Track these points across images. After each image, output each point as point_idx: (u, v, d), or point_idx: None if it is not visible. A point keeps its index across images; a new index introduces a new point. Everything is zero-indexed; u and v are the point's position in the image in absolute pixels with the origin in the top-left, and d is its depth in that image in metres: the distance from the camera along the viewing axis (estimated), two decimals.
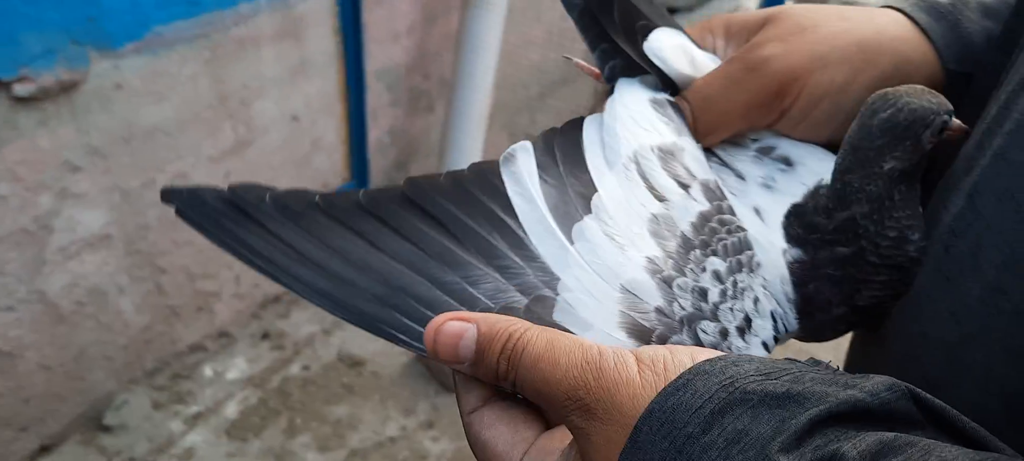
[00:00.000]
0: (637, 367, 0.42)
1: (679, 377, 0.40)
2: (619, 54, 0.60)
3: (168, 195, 0.53)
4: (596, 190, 0.53)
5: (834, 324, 0.54)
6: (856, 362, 0.62)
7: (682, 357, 0.42)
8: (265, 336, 2.45)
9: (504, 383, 0.46)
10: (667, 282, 0.50)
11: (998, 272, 0.44)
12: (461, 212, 0.52)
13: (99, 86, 1.87)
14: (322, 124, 2.51)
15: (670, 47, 0.60)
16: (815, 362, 0.42)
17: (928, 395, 0.39)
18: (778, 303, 0.53)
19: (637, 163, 0.54)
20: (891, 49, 0.56)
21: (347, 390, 2.32)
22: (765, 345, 0.51)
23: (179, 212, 0.52)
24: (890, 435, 0.36)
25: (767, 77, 0.56)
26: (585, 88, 3.58)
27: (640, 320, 0.48)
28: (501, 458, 0.47)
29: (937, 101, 0.51)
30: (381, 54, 2.62)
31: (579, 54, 0.69)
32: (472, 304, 0.49)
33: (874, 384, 0.38)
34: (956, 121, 0.51)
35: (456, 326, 0.46)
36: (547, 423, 0.48)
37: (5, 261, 1.83)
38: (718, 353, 0.42)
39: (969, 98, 0.57)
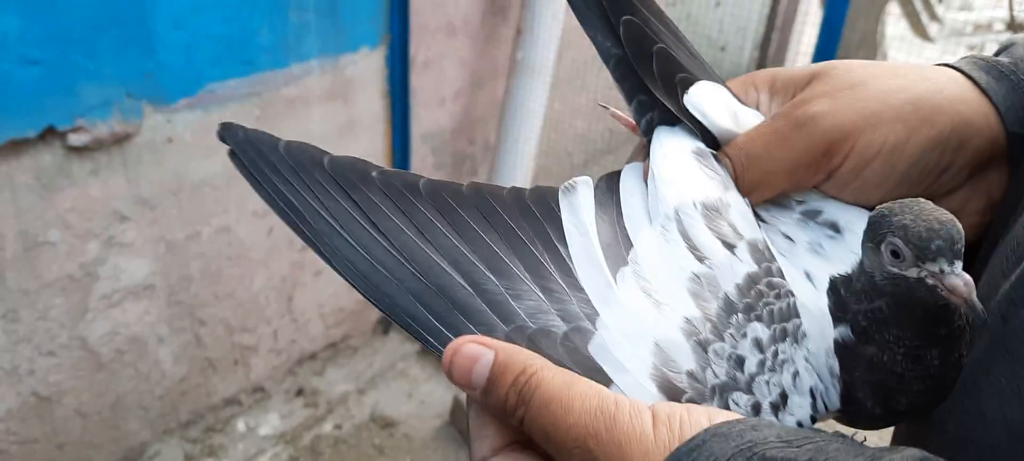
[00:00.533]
0: (652, 422, 0.40)
1: (694, 438, 0.39)
2: (657, 106, 0.58)
3: (226, 133, 0.51)
4: (631, 244, 0.52)
5: (874, 421, 0.51)
6: (902, 438, 0.58)
7: (699, 417, 0.40)
8: (300, 392, 2.45)
9: (512, 419, 0.44)
10: (702, 346, 0.47)
11: None
12: (516, 225, 0.51)
13: (151, 139, 1.91)
14: None
15: (711, 101, 0.57)
16: (841, 436, 0.40)
17: None
18: (820, 378, 0.50)
19: (678, 220, 0.52)
20: (950, 110, 0.53)
21: (378, 451, 2.30)
22: (800, 424, 0.48)
23: (232, 155, 0.51)
24: None
25: (815, 135, 0.53)
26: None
27: (672, 379, 0.46)
28: None
29: (911, 219, 0.44)
30: (427, 118, 2.65)
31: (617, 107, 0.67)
32: (511, 318, 0.48)
33: (904, 458, 0.37)
34: (956, 281, 0.44)
35: (474, 349, 0.45)
36: None
37: (50, 306, 1.86)
38: (738, 416, 0.40)
39: None
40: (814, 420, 0.49)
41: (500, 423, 0.46)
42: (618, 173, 0.56)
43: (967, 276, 0.43)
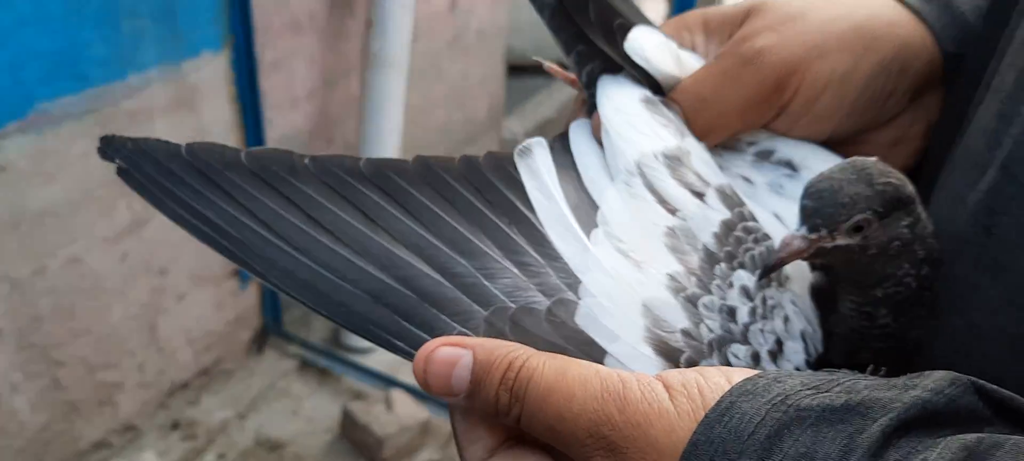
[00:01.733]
0: (668, 395, 0.37)
1: (720, 401, 0.36)
2: (597, 57, 0.55)
3: (108, 148, 0.45)
4: (597, 206, 0.49)
5: (851, 367, 0.50)
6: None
7: (717, 378, 0.37)
8: (175, 426, 2.30)
9: (506, 419, 0.40)
10: (692, 301, 0.45)
11: None
12: (475, 198, 0.47)
13: None
14: None
15: (652, 46, 0.55)
16: (857, 372, 0.38)
17: (993, 386, 0.35)
18: (808, 322, 0.48)
19: (642, 173, 0.49)
20: (890, 34, 0.53)
21: None
22: (797, 369, 0.46)
23: (122, 172, 0.45)
24: (972, 438, 0.32)
25: (764, 70, 0.52)
26: (491, 148, 3.56)
27: (667, 339, 0.44)
28: None
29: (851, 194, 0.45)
30: (282, 121, 2.54)
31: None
32: (488, 300, 0.44)
33: (936, 381, 0.35)
34: (788, 243, 0.46)
35: (449, 352, 0.41)
36: None
37: None
38: (755, 371, 0.38)
39: (963, 75, 0.54)
40: (809, 364, 0.47)
41: (490, 422, 0.42)
42: (565, 134, 0.54)
43: (790, 237, 0.45)
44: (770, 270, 0.46)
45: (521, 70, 3.76)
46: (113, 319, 2.13)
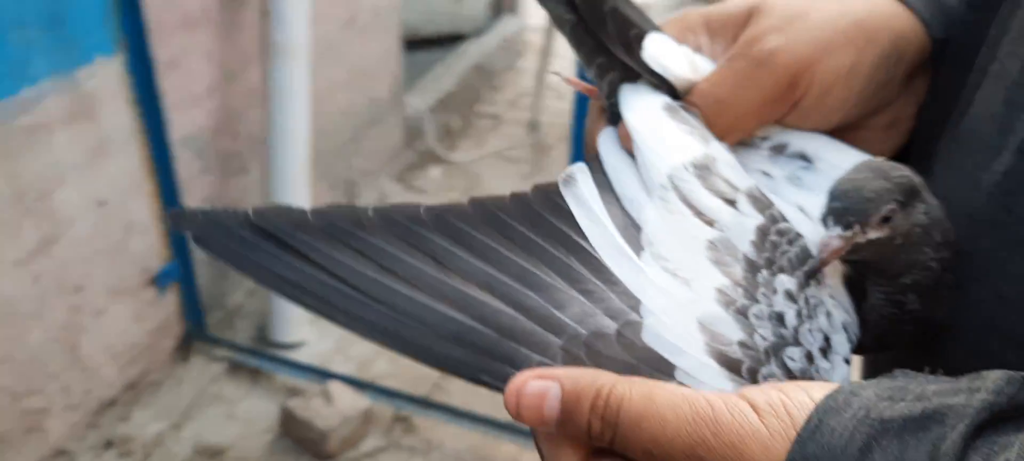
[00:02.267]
0: (757, 415, 0.40)
1: (809, 420, 0.38)
2: (616, 67, 0.57)
3: (180, 221, 0.47)
4: (639, 225, 0.51)
5: (880, 349, 0.54)
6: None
7: (799, 395, 0.40)
8: (108, 445, 2.23)
9: (599, 442, 0.43)
10: (742, 312, 0.47)
11: None
12: (532, 233, 0.49)
13: None
14: (133, 205, 2.32)
15: (668, 52, 0.57)
16: (915, 374, 0.41)
17: None
18: (846, 311, 0.51)
19: (676, 187, 0.51)
20: (887, 26, 0.56)
21: None
22: (846, 361, 0.49)
23: (198, 240, 0.46)
24: None
25: (778, 70, 0.54)
26: (396, 126, 3.53)
27: (727, 352, 0.46)
28: None
29: (872, 192, 0.48)
30: (184, 120, 2.46)
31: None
32: (561, 329, 0.46)
33: (995, 382, 0.38)
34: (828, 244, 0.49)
35: (538, 385, 0.43)
36: None
37: None
38: (831, 385, 0.41)
39: (949, 59, 0.57)
40: (852, 352, 0.50)
41: (572, 442, 0.44)
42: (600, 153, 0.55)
43: (828, 238, 0.48)
44: (814, 273, 0.49)
45: (414, 45, 3.73)
46: (32, 343, 2.04)
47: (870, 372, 0.61)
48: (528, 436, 2.28)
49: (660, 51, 0.56)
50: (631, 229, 0.50)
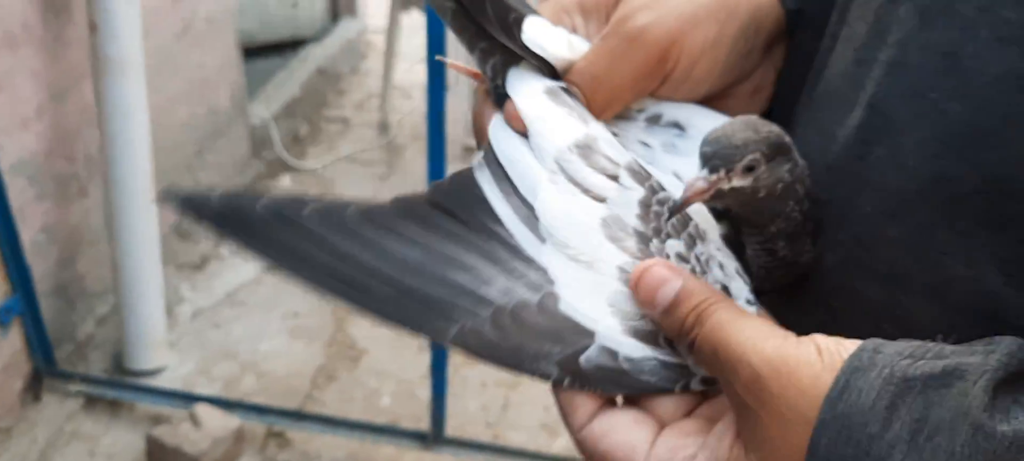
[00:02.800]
0: (817, 350, 0.44)
1: (836, 381, 0.42)
2: (498, 51, 0.60)
3: (177, 200, 0.51)
4: (533, 209, 0.54)
5: (761, 295, 0.58)
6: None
7: (836, 348, 0.44)
8: None
9: (682, 337, 0.49)
10: None
11: (931, 162, 0.48)
12: (455, 224, 0.54)
13: None
14: None
15: (546, 34, 0.60)
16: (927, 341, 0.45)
17: None
18: (736, 258, 0.55)
19: (562, 169, 0.55)
20: (745, 1, 0.61)
21: None
22: (749, 302, 0.53)
23: (208, 221, 0.51)
24: None
25: (649, 45, 0.58)
26: (242, 136, 3.42)
27: (640, 327, 0.51)
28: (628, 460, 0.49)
29: (735, 143, 0.52)
30: (12, 145, 2.31)
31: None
32: (488, 302, 0.51)
33: (1007, 346, 0.42)
34: (696, 186, 0.52)
35: (662, 273, 0.50)
36: (661, 425, 0.50)
37: None
38: (854, 341, 0.44)
39: (804, 27, 0.63)
40: (754, 293, 0.55)
41: (586, 396, 0.51)
42: (490, 145, 0.58)
43: (693, 179, 0.51)
44: (677, 210, 0.52)
45: (253, 52, 3.63)
46: None
47: None
48: (407, 438, 2.29)
49: (538, 33, 0.59)
50: (532, 217, 0.54)
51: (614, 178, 0.54)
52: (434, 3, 0.59)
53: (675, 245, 0.53)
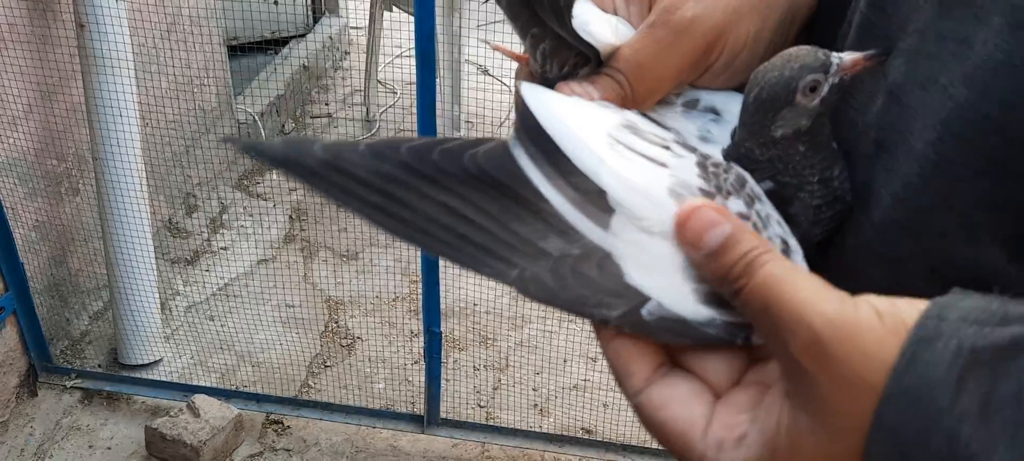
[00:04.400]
0: (876, 314, 0.43)
1: (903, 352, 0.41)
2: (548, 37, 0.60)
3: (252, 150, 0.52)
4: (604, 187, 0.53)
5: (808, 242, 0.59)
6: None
7: (902, 303, 0.43)
8: None
9: (728, 286, 0.47)
10: None
11: (935, 145, 0.49)
12: (499, 192, 0.52)
13: None
14: None
15: (595, 20, 0.60)
16: (971, 292, 0.45)
17: None
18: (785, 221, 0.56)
19: (620, 142, 0.55)
20: None
21: None
22: (807, 260, 0.54)
23: (277, 163, 0.51)
24: None
25: (696, 38, 0.59)
26: (229, 130, 3.44)
27: (712, 292, 0.50)
28: (685, 437, 0.48)
29: (800, 64, 0.54)
30: (1, 145, 2.33)
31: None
32: (544, 254, 0.50)
33: None
34: (849, 58, 0.54)
35: (711, 215, 0.48)
36: (716, 396, 0.50)
37: None
38: (923, 302, 0.43)
39: (824, 7, 0.64)
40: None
41: (643, 352, 0.50)
42: (525, 119, 0.57)
43: (851, 55, 0.53)
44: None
45: (239, 50, 3.64)
46: None
47: None
48: (403, 420, 2.31)
49: (588, 19, 0.60)
50: (584, 199, 0.53)
51: (667, 149, 0.55)
52: None
53: (736, 203, 0.53)
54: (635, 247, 0.51)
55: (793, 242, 0.54)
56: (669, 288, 0.50)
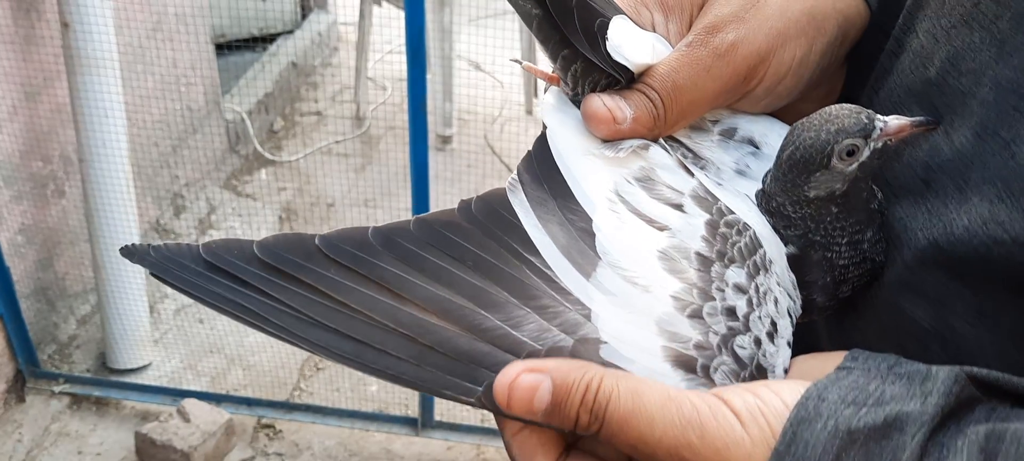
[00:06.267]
0: (739, 423, 0.43)
1: (784, 433, 0.42)
2: (579, 58, 0.56)
3: (132, 255, 0.49)
4: (594, 231, 0.52)
5: (821, 312, 0.58)
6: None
7: (773, 401, 0.44)
8: None
9: (586, 432, 0.46)
10: (696, 315, 0.50)
11: (991, 204, 0.47)
12: (482, 251, 0.50)
13: None
14: None
15: (630, 42, 0.57)
16: (854, 356, 0.46)
17: (983, 372, 0.43)
18: (789, 296, 0.54)
19: (622, 199, 0.53)
20: (834, 13, 0.58)
21: None
22: (789, 344, 0.52)
23: (156, 275, 0.48)
24: (981, 435, 0.41)
25: (737, 62, 0.55)
26: (218, 132, 3.40)
27: (682, 351, 0.49)
28: None
29: (837, 127, 0.51)
30: None
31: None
32: (517, 350, 0.48)
33: (943, 383, 0.42)
34: (894, 123, 0.51)
35: (530, 379, 0.45)
36: None
37: None
38: (797, 386, 0.44)
39: (870, 28, 0.61)
40: (793, 335, 0.54)
41: (544, 442, 0.48)
42: (531, 155, 0.56)
43: (896, 120, 0.51)
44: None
45: (226, 47, 3.60)
46: None
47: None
48: (398, 423, 2.29)
49: (622, 41, 0.57)
50: (576, 246, 0.51)
51: (678, 208, 0.53)
52: (520, 10, 0.57)
53: (735, 273, 0.51)
54: (616, 306, 0.50)
55: (784, 322, 0.52)
56: (641, 357, 0.49)
